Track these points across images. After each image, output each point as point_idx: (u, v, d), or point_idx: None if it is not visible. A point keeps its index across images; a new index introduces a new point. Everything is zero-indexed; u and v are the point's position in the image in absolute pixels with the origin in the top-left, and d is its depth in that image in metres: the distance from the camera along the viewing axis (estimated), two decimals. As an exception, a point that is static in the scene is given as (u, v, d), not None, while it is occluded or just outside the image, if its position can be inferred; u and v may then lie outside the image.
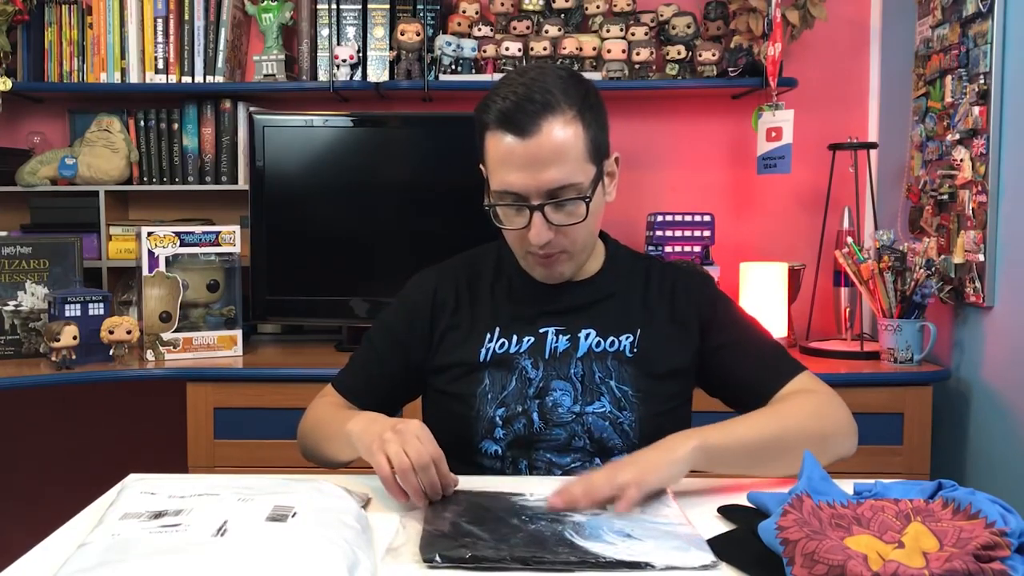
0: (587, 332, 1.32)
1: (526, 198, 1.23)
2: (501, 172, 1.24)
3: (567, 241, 1.27)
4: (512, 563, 0.92)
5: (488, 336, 1.33)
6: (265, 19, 2.60)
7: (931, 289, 2.17)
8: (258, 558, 0.84)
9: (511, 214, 1.27)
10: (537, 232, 1.23)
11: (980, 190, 2.09)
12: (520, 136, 1.21)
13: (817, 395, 1.27)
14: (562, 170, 1.22)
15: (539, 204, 1.23)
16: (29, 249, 2.35)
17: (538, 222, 1.23)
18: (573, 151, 1.23)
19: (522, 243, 1.28)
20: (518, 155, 1.21)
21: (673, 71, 2.56)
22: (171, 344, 2.28)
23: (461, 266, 1.42)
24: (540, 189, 1.22)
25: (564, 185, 1.23)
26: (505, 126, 1.22)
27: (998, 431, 2.08)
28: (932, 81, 2.30)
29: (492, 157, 1.25)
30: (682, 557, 0.93)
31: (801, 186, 2.69)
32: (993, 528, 0.83)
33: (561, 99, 1.22)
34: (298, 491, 1.04)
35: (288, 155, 2.44)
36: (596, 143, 1.26)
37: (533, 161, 1.21)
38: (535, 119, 1.21)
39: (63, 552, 0.91)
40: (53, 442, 2.77)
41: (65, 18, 2.61)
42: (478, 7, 2.61)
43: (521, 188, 1.22)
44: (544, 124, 1.21)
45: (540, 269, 1.31)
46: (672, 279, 1.39)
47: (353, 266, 2.45)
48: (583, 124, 1.24)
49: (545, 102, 1.21)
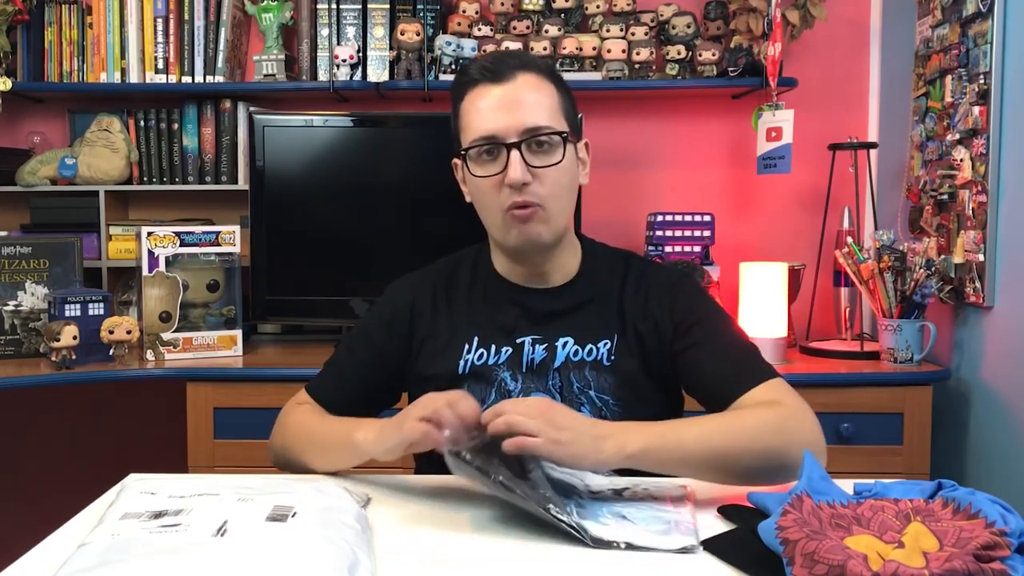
0: (564, 340, 1.30)
1: (503, 139, 1.24)
2: (477, 120, 1.26)
3: (543, 192, 1.25)
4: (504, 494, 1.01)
5: (466, 347, 1.32)
6: (265, 19, 2.60)
7: (931, 289, 2.17)
8: (258, 558, 0.84)
9: (486, 163, 1.26)
10: (514, 169, 1.22)
11: (980, 190, 2.09)
12: (497, 82, 1.25)
13: (782, 408, 1.18)
14: (537, 112, 1.25)
15: (516, 141, 1.23)
16: (29, 249, 2.35)
17: (516, 159, 1.23)
18: (547, 100, 1.27)
19: (499, 196, 1.25)
20: (495, 98, 1.25)
21: (673, 71, 2.56)
22: (171, 344, 2.28)
23: (439, 271, 1.41)
24: (518, 128, 1.23)
25: (540, 125, 1.24)
26: (483, 76, 1.26)
27: (998, 431, 2.08)
28: (932, 81, 2.30)
29: (468, 112, 1.27)
30: (662, 540, 0.98)
31: (801, 186, 2.69)
32: (993, 528, 0.83)
33: (536, 63, 1.29)
34: (298, 491, 1.04)
35: (288, 155, 2.44)
36: (568, 113, 1.30)
37: (509, 103, 1.24)
38: (511, 69, 1.26)
39: (63, 552, 0.91)
40: (53, 442, 2.77)
41: (65, 18, 2.61)
42: (478, 7, 2.61)
43: (498, 129, 1.24)
44: (520, 74, 1.26)
45: (516, 230, 1.26)
46: (648, 278, 1.35)
47: (353, 266, 2.45)
48: (556, 88, 1.29)
49: (520, 59, 1.29)
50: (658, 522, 1.04)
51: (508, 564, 0.95)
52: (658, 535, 1.00)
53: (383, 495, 1.16)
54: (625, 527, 1.02)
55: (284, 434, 1.35)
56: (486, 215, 1.31)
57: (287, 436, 1.34)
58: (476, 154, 1.26)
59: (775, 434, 1.14)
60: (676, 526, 1.02)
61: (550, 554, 0.97)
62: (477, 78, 1.27)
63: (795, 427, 1.16)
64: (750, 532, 0.94)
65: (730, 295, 2.44)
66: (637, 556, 0.96)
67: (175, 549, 0.86)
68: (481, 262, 1.38)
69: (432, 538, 1.02)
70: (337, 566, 0.85)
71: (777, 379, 1.24)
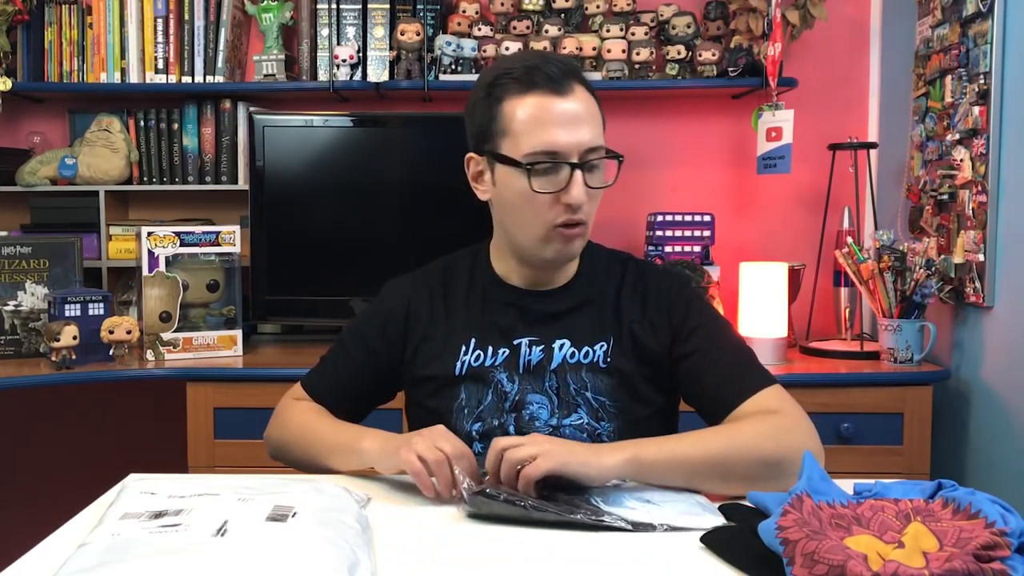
0: (561, 343, 1.30)
1: (566, 157, 1.21)
2: (538, 132, 1.21)
3: (590, 209, 1.26)
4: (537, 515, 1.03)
5: (463, 348, 1.31)
6: (265, 19, 2.60)
7: (931, 289, 2.17)
8: (258, 558, 0.84)
9: (546, 177, 1.22)
10: (578, 191, 1.21)
11: (980, 190, 2.09)
12: (556, 93, 1.21)
13: (779, 416, 1.19)
14: (595, 131, 1.23)
15: (579, 163, 1.22)
16: (29, 249, 2.35)
17: (578, 180, 1.21)
18: (598, 117, 1.26)
19: (550, 212, 1.23)
20: (558, 112, 1.21)
21: (673, 71, 2.56)
22: (171, 344, 2.28)
23: (435, 274, 1.40)
24: (580, 147, 1.22)
25: (597, 146, 1.23)
26: (538, 84, 1.21)
27: (998, 431, 2.08)
28: (932, 81, 2.30)
29: (522, 120, 1.21)
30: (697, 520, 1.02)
31: (801, 186, 2.69)
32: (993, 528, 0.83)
33: (580, 70, 1.27)
34: (298, 491, 1.04)
35: (288, 155, 2.44)
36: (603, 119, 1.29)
37: (572, 119, 1.21)
38: (568, 78, 1.23)
39: (63, 552, 0.91)
40: (53, 442, 2.77)
41: (65, 18, 2.61)
42: (478, 7, 2.61)
43: (563, 146, 1.21)
44: (575, 85, 1.24)
45: (558, 245, 1.26)
46: (645, 281, 1.35)
47: (353, 266, 2.45)
48: (596, 99, 1.27)
49: (568, 66, 1.25)
50: (684, 503, 1.07)
51: (508, 564, 0.95)
52: (691, 515, 1.04)
53: (383, 495, 1.16)
54: (655, 511, 1.05)
55: (284, 429, 1.36)
56: (524, 225, 1.27)
57: (288, 433, 1.35)
58: (537, 168, 1.22)
59: (770, 441, 1.15)
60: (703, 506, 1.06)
61: (550, 554, 0.97)
62: (541, 85, 1.21)
63: (791, 434, 1.17)
64: (750, 532, 0.94)
65: (730, 295, 2.44)
66: (637, 555, 0.96)
67: (175, 549, 0.86)
68: (479, 264, 1.38)
69: (432, 538, 1.02)
70: (337, 566, 0.85)
71: (774, 386, 1.24)
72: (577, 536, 1.02)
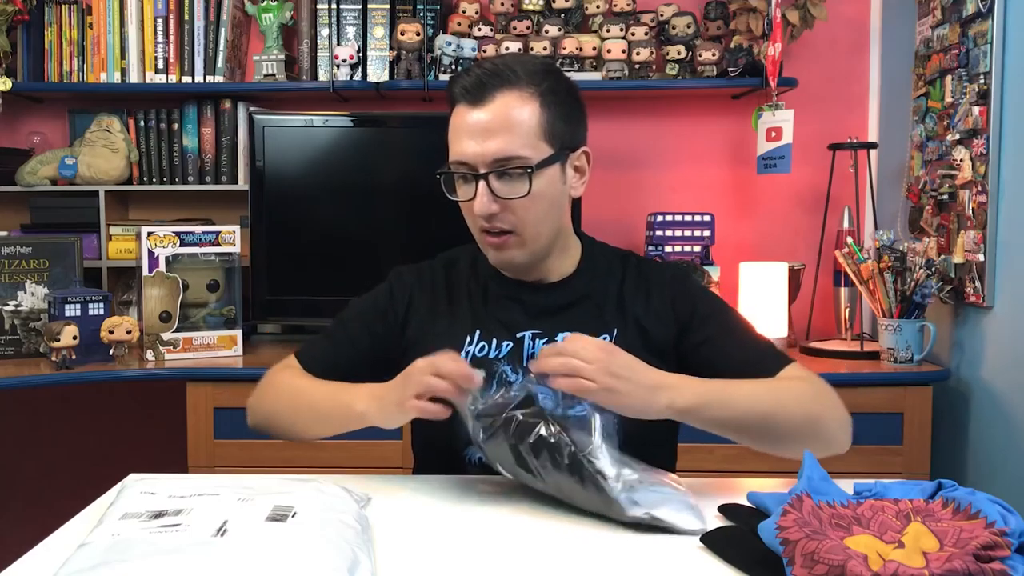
0: (564, 335, 1.30)
1: (474, 168, 1.24)
2: (455, 142, 1.26)
3: (514, 219, 1.25)
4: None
5: (468, 339, 1.32)
6: (265, 19, 2.60)
7: (931, 289, 2.17)
8: (258, 558, 0.84)
9: (461, 185, 1.28)
10: (480, 201, 1.23)
11: (980, 190, 2.09)
12: (473, 105, 1.24)
13: (815, 381, 1.25)
14: (509, 141, 1.22)
15: (484, 173, 1.23)
16: (29, 249, 2.35)
17: (481, 190, 1.23)
18: (524, 125, 1.23)
19: (473, 218, 1.28)
20: (470, 123, 1.24)
21: (673, 71, 2.56)
22: (171, 344, 2.28)
23: (439, 266, 1.42)
24: (486, 158, 1.23)
25: (509, 156, 1.23)
26: (463, 96, 1.25)
27: (998, 431, 2.08)
28: (932, 81, 2.30)
29: (451, 129, 1.27)
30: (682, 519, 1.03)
31: (801, 186, 2.69)
32: (993, 528, 0.83)
33: (523, 77, 1.25)
34: (298, 491, 1.04)
35: (288, 155, 2.44)
36: (554, 127, 1.26)
37: (482, 130, 1.23)
38: (491, 90, 1.23)
39: (63, 552, 0.91)
40: (53, 442, 2.77)
41: (65, 18, 2.61)
42: (478, 7, 2.61)
43: (470, 156, 1.23)
44: (498, 95, 1.23)
45: (492, 252, 1.30)
46: (648, 275, 1.37)
47: (353, 266, 2.45)
48: (541, 104, 1.25)
49: (504, 77, 1.24)
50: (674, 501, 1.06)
51: (508, 564, 0.95)
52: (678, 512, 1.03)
53: (383, 495, 1.16)
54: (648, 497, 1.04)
55: (270, 396, 1.35)
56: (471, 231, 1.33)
57: (276, 399, 1.34)
58: (456, 176, 1.27)
59: (813, 402, 1.21)
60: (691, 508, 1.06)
61: (550, 553, 0.97)
62: (458, 97, 1.26)
63: (829, 399, 1.23)
64: (750, 532, 0.94)
65: (730, 295, 2.44)
66: (637, 555, 0.96)
67: (175, 549, 0.86)
68: (481, 258, 1.39)
69: (432, 538, 1.02)
70: (337, 566, 0.85)
71: (796, 363, 1.29)
72: (577, 536, 1.02)
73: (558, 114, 1.26)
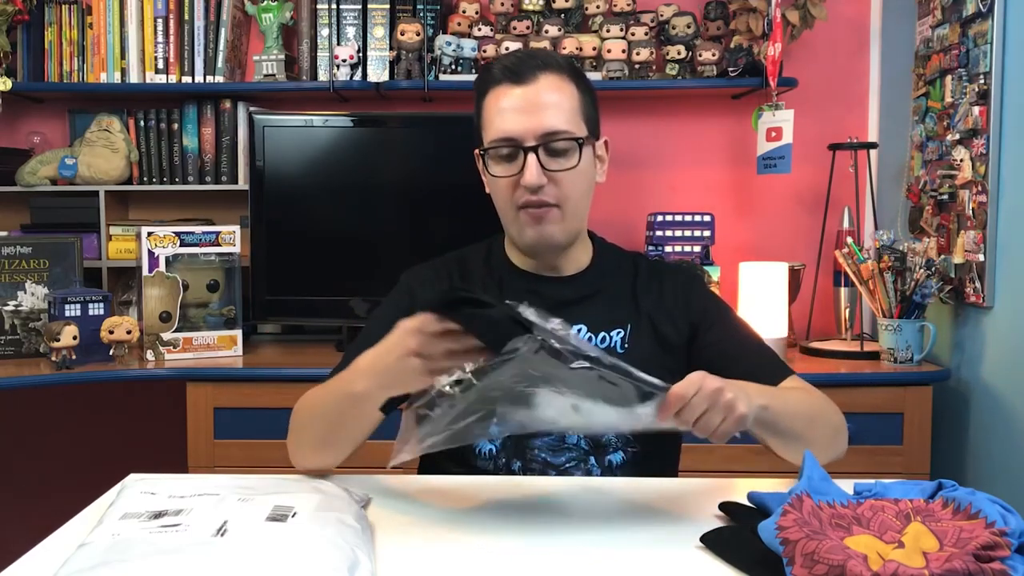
0: (578, 328, 1.33)
1: (521, 142, 1.26)
2: (498, 120, 1.27)
3: (558, 192, 1.27)
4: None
5: None
6: (265, 19, 2.60)
7: (931, 289, 2.17)
8: (258, 558, 0.84)
9: (504, 162, 1.28)
10: (531, 172, 1.25)
11: (980, 190, 2.09)
12: (518, 83, 1.26)
13: (818, 393, 1.31)
14: (557, 116, 1.26)
15: (534, 145, 1.25)
16: (29, 249, 2.35)
17: (532, 163, 1.25)
18: (567, 103, 1.28)
19: (514, 195, 1.28)
20: (515, 99, 1.26)
21: (673, 71, 2.56)
22: (171, 344, 2.28)
23: (452, 263, 1.43)
24: (536, 131, 1.25)
25: (558, 130, 1.26)
26: (506, 77, 1.27)
27: (998, 431, 2.08)
28: (932, 81, 2.30)
29: (490, 110, 1.29)
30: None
31: (801, 186, 2.69)
32: (993, 528, 0.83)
33: (560, 61, 1.30)
34: (298, 491, 1.04)
35: (288, 155, 2.44)
36: (588, 113, 1.31)
37: (529, 105, 1.26)
38: (533, 70, 1.27)
39: (63, 552, 0.91)
40: (53, 442, 2.77)
41: (65, 18, 2.61)
42: (478, 7, 2.61)
43: (517, 131, 1.25)
44: (541, 75, 1.27)
45: (530, 229, 1.29)
46: (660, 275, 1.40)
47: (353, 266, 2.45)
48: (577, 89, 1.30)
49: (544, 59, 1.29)
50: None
51: (508, 564, 0.95)
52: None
53: (383, 495, 1.16)
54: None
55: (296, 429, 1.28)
56: (502, 212, 1.34)
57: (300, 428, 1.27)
58: (495, 154, 1.29)
59: (831, 411, 1.29)
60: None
61: (550, 552, 0.97)
62: (500, 78, 1.28)
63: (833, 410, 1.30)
64: (750, 531, 0.94)
65: (730, 295, 2.44)
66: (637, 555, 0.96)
67: (175, 549, 0.86)
68: (495, 253, 1.40)
69: (432, 538, 1.02)
70: (337, 566, 0.85)
71: (795, 375, 1.34)
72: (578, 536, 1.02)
73: (589, 101, 1.32)
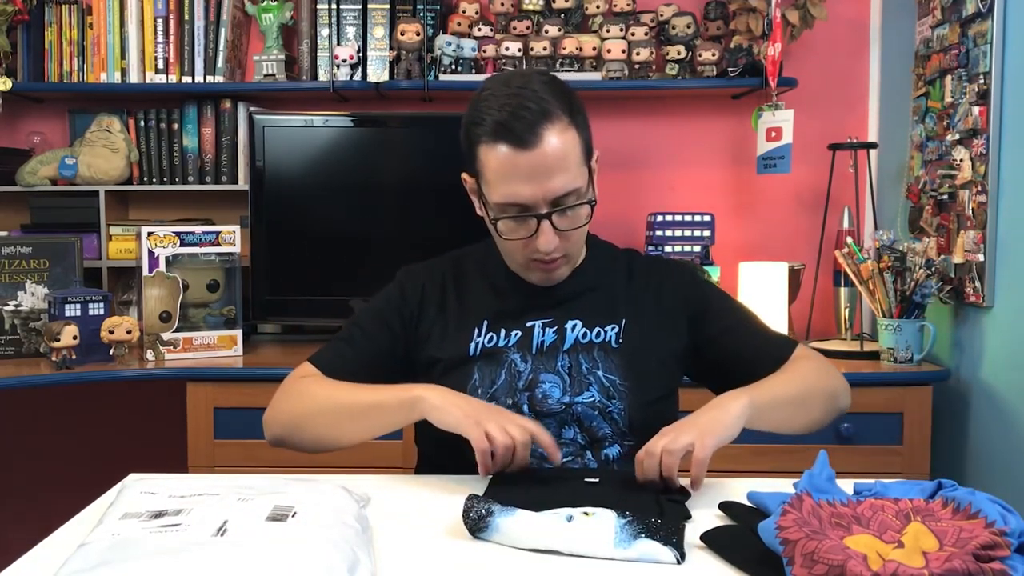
0: (573, 323, 1.33)
1: (532, 208, 1.24)
2: (504, 185, 1.24)
3: (569, 245, 1.29)
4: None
5: (476, 331, 1.34)
6: (265, 19, 2.60)
7: (931, 289, 2.17)
8: (258, 558, 0.84)
9: (514, 225, 1.27)
10: (547, 240, 1.25)
11: (980, 190, 2.09)
12: (522, 147, 1.21)
13: (818, 360, 1.36)
14: (566, 178, 1.23)
15: (547, 212, 1.24)
16: (29, 249, 2.35)
17: (547, 230, 1.25)
18: (572, 156, 1.24)
19: (524, 252, 1.29)
20: (523, 166, 1.22)
21: (673, 71, 2.56)
22: (171, 344, 2.28)
23: (448, 262, 1.44)
24: (547, 198, 1.24)
25: (569, 192, 1.24)
26: (505, 137, 1.22)
27: (998, 431, 2.08)
28: (932, 81, 2.30)
29: (492, 169, 1.25)
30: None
31: (801, 186, 2.69)
32: (993, 528, 0.83)
33: (555, 105, 1.23)
34: (298, 491, 1.04)
35: (288, 155, 2.44)
36: (587, 146, 1.29)
37: (538, 171, 1.22)
38: (534, 128, 1.21)
39: (63, 552, 0.91)
40: (53, 442, 2.77)
41: (65, 18, 2.61)
42: (478, 7, 2.61)
43: (528, 199, 1.23)
44: (544, 133, 1.21)
45: (540, 274, 1.33)
46: (656, 271, 1.42)
47: (353, 266, 2.45)
48: (576, 128, 1.25)
49: (541, 110, 1.21)
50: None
51: (508, 563, 0.95)
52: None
53: (383, 495, 1.16)
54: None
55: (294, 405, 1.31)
56: (506, 254, 1.35)
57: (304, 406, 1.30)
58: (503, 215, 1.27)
59: (827, 377, 1.34)
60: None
61: (550, 554, 0.97)
62: (499, 137, 1.22)
63: (832, 372, 1.36)
64: (750, 531, 0.94)
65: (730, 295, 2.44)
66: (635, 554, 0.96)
67: (175, 549, 0.86)
68: (491, 254, 1.40)
69: (432, 538, 1.02)
70: (337, 566, 0.85)
71: (801, 344, 1.39)
72: (577, 536, 1.02)
73: (583, 128, 1.28)
